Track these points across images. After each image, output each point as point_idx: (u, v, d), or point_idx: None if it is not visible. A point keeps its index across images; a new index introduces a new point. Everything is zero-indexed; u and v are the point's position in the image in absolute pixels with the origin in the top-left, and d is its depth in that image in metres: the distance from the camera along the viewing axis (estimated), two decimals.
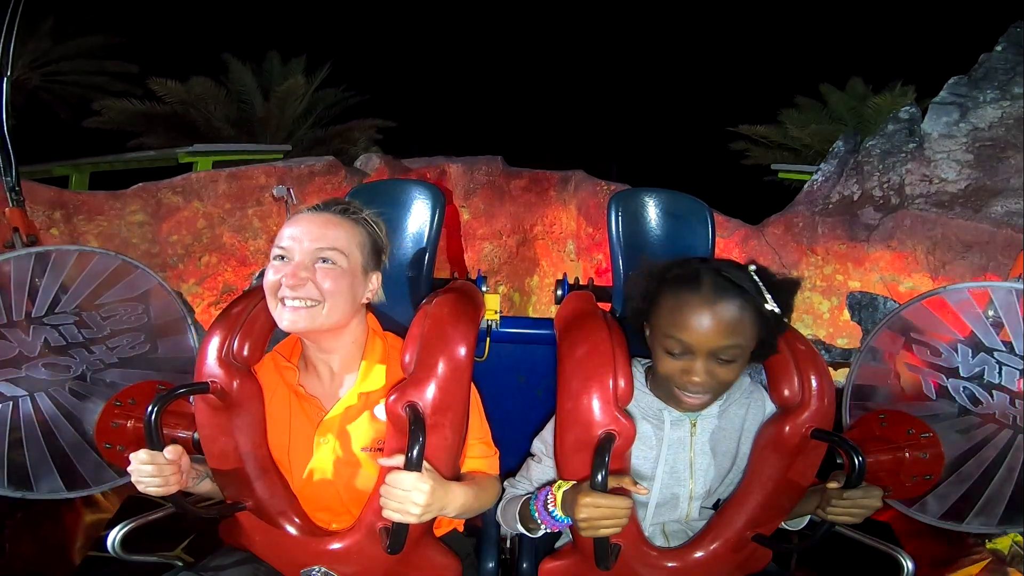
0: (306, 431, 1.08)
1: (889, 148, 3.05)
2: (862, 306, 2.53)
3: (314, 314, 0.98)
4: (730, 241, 3.42)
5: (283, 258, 0.98)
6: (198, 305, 2.92)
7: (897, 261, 2.87)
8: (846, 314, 2.89)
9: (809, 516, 1.16)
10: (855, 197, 3.07)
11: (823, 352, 2.52)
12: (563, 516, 1.00)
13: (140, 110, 8.14)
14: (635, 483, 0.96)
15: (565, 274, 1.60)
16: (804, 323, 3.11)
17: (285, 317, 0.98)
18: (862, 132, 3.54)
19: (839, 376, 2.54)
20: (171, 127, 8.23)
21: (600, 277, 3.78)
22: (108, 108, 8.09)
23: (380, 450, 1.05)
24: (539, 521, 1.04)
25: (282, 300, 0.97)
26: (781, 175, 6.68)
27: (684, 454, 1.10)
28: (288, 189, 3.07)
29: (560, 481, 1.03)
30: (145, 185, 2.92)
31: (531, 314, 4.09)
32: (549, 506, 1.01)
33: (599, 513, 0.90)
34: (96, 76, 8.99)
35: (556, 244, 4.11)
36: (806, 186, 3.34)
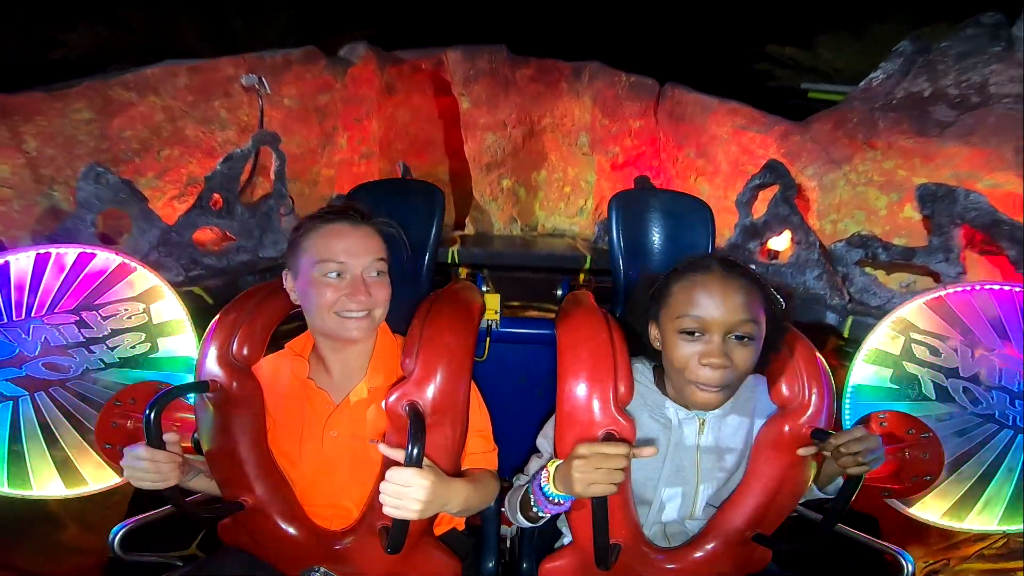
0: (315, 424, 1.09)
1: (968, 49, 2.74)
2: (937, 198, 2.24)
3: (372, 321, 1.05)
4: (767, 137, 3.00)
5: (339, 274, 1.03)
6: (159, 199, 2.70)
7: (977, 158, 2.55)
8: (907, 211, 2.62)
9: (838, 481, 1.13)
10: (925, 94, 2.72)
11: (880, 251, 2.33)
12: (553, 492, 0.99)
13: (109, 36, 7.25)
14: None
15: (567, 276, 1.60)
16: (855, 219, 2.77)
17: (351, 328, 1.03)
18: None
19: (891, 281, 2.40)
20: (143, 52, 7.39)
21: (616, 172, 3.60)
22: (75, 36, 7.18)
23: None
24: (533, 502, 1.03)
25: (338, 313, 1.02)
26: (812, 95, 5.99)
27: (690, 454, 1.10)
28: (259, 78, 2.86)
29: (556, 460, 1.03)
30: (91, 83, 2.59)
31: (537, 210, 3.88)
32: (542, 482, 1.01)
33: (595, 454, 0.90)
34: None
35: (567, 137, 3.75)
36: (862, 84, 2.97)
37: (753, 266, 2.59)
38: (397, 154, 3.67)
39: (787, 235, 2.56)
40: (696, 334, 0.96)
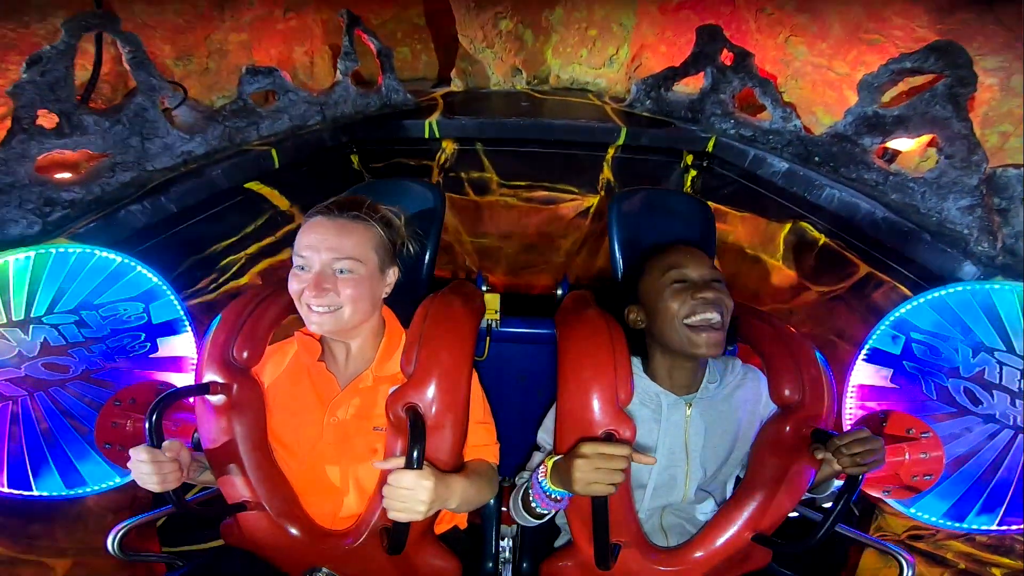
0: (317, 409, 1.10)
1: None
2: None
3: (337, 318, 1.03)
4: (916, 7, 2.09)
5: (303, 268, 1.03)
6: None
7: None
8: None
9: (832, 487, 1.16)
10: None
11: None
12: (551, 487, 1.00)
13: None
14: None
15: (565, 274, 1.60)
16: None
17: (312, 321, 1.03)
18: None
19: None
20: None
21: (667, 16, 2.78)
22: None
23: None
24: (532, 498, 1.05)
25: (308, 306, 1.02)
26: None
27: (680, 436, 1.12)
28: None
29: (554, 456, 1.04)
30: None
31: (550, 58, 2.98)
32: (540, 477, 1.02)
33: (596, 454, 0.91)
34: None
35: None
36: None
37: (863, 172, 1.99)
38: None
39: (921, 140, 1.96)
40: (685, 281, 1.09)
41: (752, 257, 2.38)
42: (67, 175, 1.82)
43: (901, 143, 2.01)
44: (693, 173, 2.45)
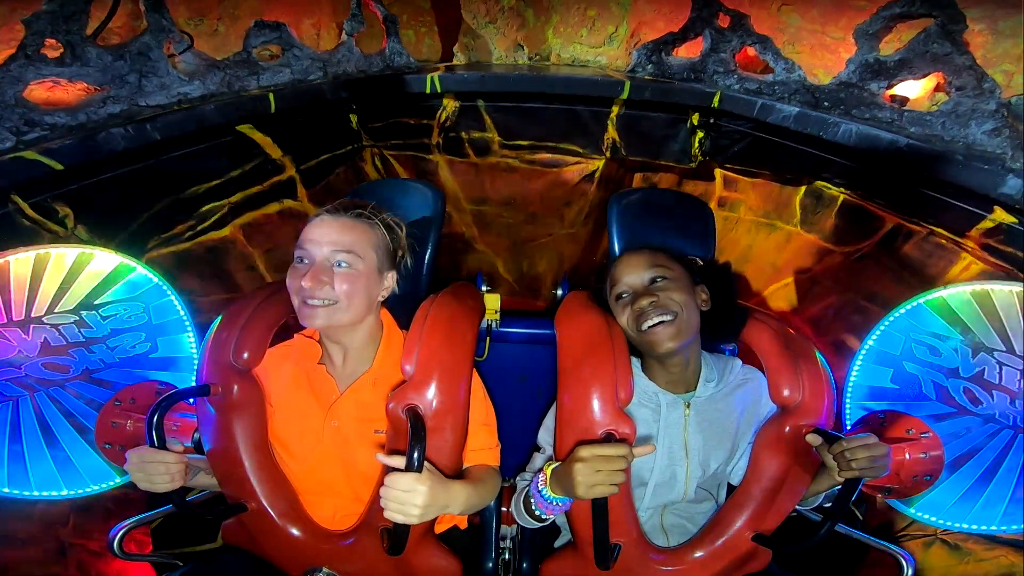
0: (317, 412, 1.10)
1: None
2: None
3: (331, 312, 1.02)
4: None
5: (303, 260, 1.03)
6: None
7: None
8: None
9: (821, 496, 1.16)
10: None
11: None
12: (551, 495, 1.00)
13: None
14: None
15: (566, 274, 1.60)
16: None
17: (305, 314, 1.03)
18: None
19: None
20: None
21: None
22: None
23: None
24: (534, 505, 1.05)
25: (304, 300, 1.02)
26: None
27: (679, 435, 1.13)
28: None
29: (553, 463, 1.03)
30: None
31: (551, 37, 2.94)
32: (540, 485, 1.02)
33: (595, 456, 0.91)
34: None
35: None
36: None
37: (875, 112, 1.97)
38: None
39: (927, 82, 1.97)
40: (624, 294, 1.13)
41: (768, 226, 2.34)
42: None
43: (908, 88, 2.01)
44: (700, 134, 2.42)
